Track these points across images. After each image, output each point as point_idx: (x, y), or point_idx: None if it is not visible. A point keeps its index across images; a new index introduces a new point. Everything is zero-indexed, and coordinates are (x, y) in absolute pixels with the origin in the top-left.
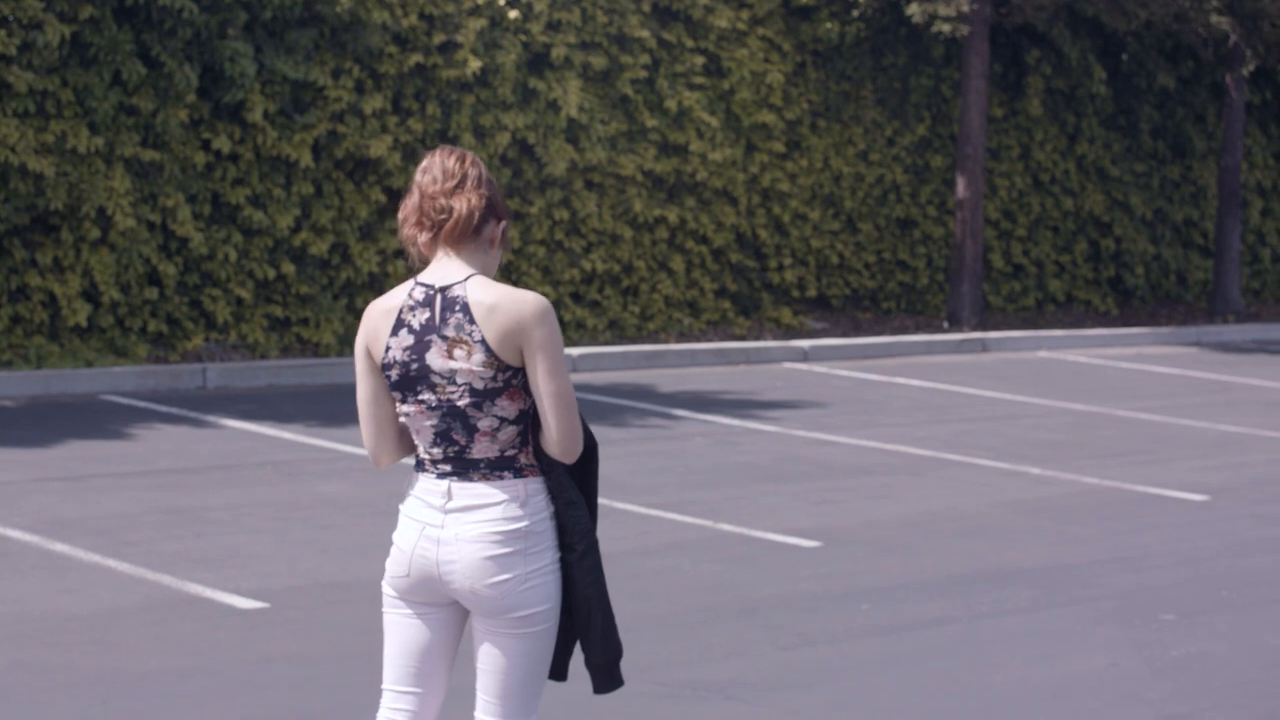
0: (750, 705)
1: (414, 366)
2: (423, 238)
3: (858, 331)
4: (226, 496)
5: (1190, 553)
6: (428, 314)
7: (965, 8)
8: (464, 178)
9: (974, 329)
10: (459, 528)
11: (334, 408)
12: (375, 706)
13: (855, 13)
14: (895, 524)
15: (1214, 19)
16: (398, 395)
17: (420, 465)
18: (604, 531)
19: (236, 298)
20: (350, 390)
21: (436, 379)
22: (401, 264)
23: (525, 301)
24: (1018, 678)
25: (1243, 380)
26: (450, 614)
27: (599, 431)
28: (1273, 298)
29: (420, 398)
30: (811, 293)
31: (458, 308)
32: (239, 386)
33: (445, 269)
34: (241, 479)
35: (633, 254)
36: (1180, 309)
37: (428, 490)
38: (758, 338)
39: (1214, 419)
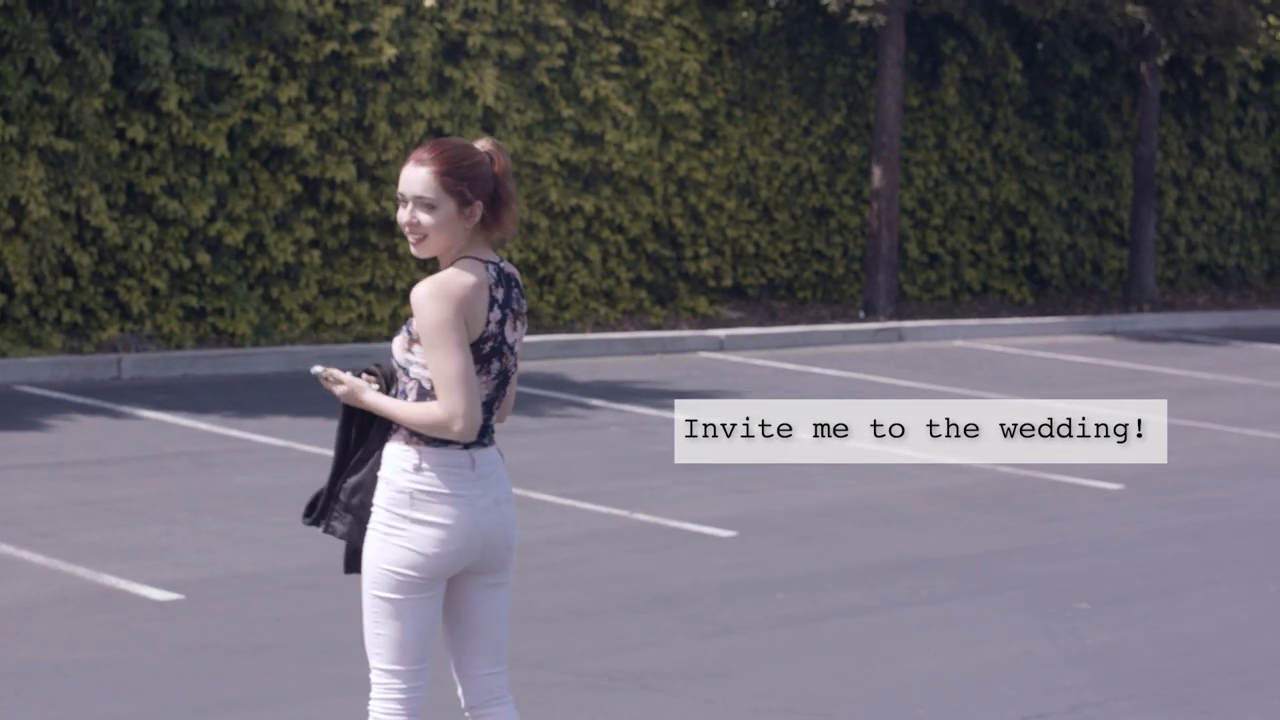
0: (666, 694)
1: (499, 338)
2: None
3: (773, 321)
4: (142, 487)
5: (1105, 541)
6: (503, 290)
7: None
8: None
9: (890, 318)
10: (497, 490)
11: (249, 398)
12: (289, 696)
13: (771, 1)
14: (811, 513)
15: (1129, 8)
16: (477, 367)
17: (441, 441)
18: (520, 522)
19: (151, 288)
20: (265, 380)
21: (506, 350)
22: (317, 254)
23: None
24: (933, 666)
25: (1157, 369)
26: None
27: (515, 420)
28: (1187, 287)
29: (490, 368)
30: (727, 282)
31: (513, 284)
32: (154, 377)
33: (484, 250)
34: (157, 470)
35: (549, 243)
36: (1095, 298)
37: (456, 463)
38: (674, 327)
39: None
